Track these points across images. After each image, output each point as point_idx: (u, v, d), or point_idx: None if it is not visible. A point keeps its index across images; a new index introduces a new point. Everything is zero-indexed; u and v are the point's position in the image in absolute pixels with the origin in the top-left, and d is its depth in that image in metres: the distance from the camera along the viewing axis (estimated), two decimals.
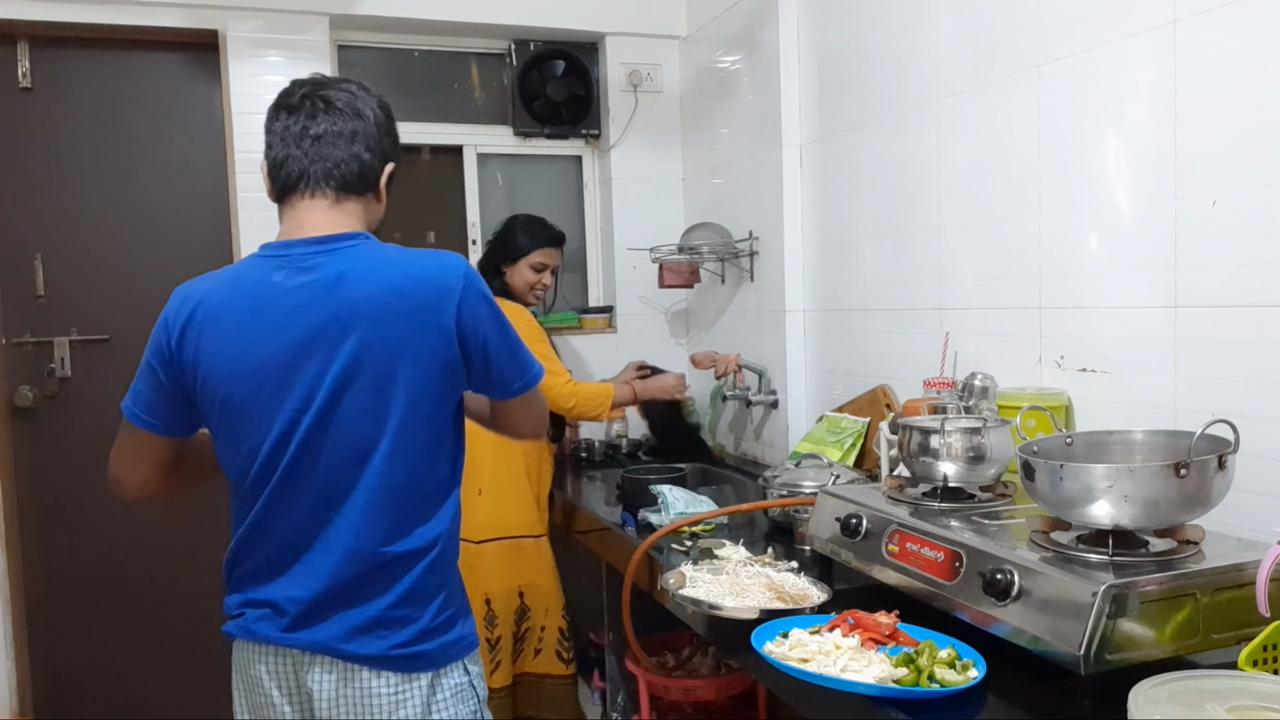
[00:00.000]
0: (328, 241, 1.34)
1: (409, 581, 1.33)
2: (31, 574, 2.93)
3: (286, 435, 1.31)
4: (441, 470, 1.38)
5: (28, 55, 2.88)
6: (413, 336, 1.30)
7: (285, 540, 1.35)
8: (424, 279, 1.32)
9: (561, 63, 3.33)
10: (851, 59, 2.49)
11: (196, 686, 3.07)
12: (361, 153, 1.39)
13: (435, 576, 1.37)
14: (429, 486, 1.36)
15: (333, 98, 1.39)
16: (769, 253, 2.83)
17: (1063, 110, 1.82)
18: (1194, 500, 1.20)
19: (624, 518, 2.19)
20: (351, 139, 1.38)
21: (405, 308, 1.30)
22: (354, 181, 1.38)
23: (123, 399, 1.39)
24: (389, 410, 1.31)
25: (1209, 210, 1.54)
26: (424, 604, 1.35)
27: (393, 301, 1.29)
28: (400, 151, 1.48)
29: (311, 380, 1.30)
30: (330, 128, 1.38)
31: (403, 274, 1.32)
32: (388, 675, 1.32)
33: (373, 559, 1.32)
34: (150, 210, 3.01)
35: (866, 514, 1.55)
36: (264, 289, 1.32)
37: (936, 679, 1.19)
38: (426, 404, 1.33)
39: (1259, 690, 1.00)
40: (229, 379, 1.32)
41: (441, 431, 1.37)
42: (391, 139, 1.45)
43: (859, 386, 2.48)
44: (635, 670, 2.35)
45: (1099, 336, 1.76)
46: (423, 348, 1.30)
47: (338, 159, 1.37)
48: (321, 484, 1.32)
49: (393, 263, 1.33)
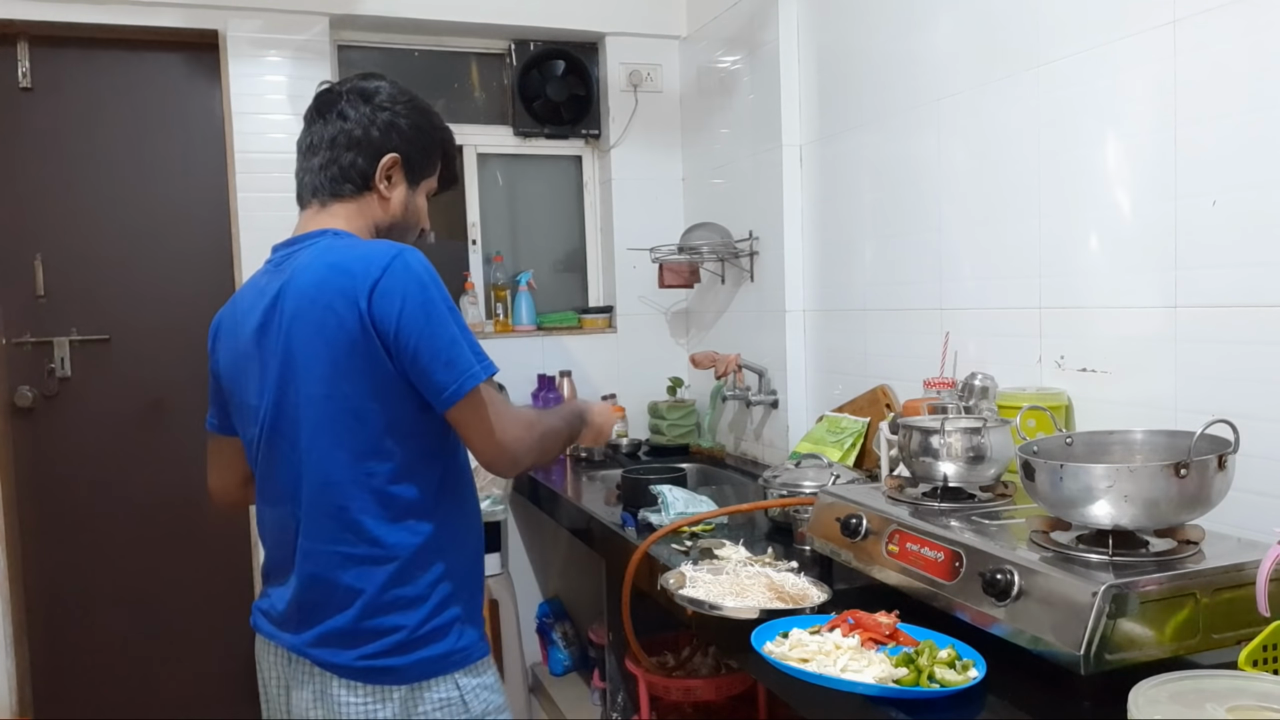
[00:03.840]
0: (297, 242, 1.37)
1: (370, 591, 1.29)
2: (31, 574, 2.93)
3: (260, 432, 1.36)
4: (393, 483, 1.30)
5: (28, 55, 2.88)
6: (331, 329, 1.26)
7: (274, 540, 1.41)
8: (345, 268, 1.27)
9: (561, 63, 3.33)
10: (851, 59, 2.49)
11: (196, 686, 3.07)
12: (341, 155, 1.38)
13: (406, 587, 1.30)
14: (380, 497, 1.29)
15: (322, 103, 1.40)
16: (769, 253, 2.83)
17: (1063, 110, 1.82)
18: (1194, 500, 1.20)
19: (624, 518, 2.19)
20: (332, 144, 1.38)
21: (325, 299, 1.26)
22: (334, 184, 1.38)
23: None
24: (317, 407, 1.28)
25: (1209, 210, 1.54)
26: (397, 614, 1.29)
27: (316, 294, 1.27)
28: (419, 135, 1.43)
29: (264, 377, 1.33)
30: (315, 137, 1.40)
31: (330, 266, 1.28)
32: (357, 686, 1.29)
33: (327, 563, 1.30)
34: (150, 210, 3.01)
35: (866, 514, 1.55)
36: (254, 292, 1.39)
37: (936, 679, 1.19)
38: (354, 400, 1.27)
39: (1259, 690, 1.00)
40: (229, 378, 1.43)
41: (384, 431, 1.29)
42: (391, 128, 1.40)
43: (859, 386, 2.48)
44: (635, 670, 2.35)
45: (1099, 336, 1.76)
46: (341, 341, 1.26)
47: (317, 166, 1.39)
48: (283, 483, 1.33)
49: (329, 256, 1.30)
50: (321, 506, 1.30)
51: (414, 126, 1.43)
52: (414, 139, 1.43)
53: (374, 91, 1.40)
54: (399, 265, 1.26)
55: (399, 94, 1.43)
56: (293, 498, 1.33)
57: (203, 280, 3.03)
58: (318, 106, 1.41)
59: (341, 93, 1.41)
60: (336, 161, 1.38)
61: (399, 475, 1.30)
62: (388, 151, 1.40)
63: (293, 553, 1.34)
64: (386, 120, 1.40)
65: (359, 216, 1.40)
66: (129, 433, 3.01)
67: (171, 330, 3.01)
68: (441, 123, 1.50)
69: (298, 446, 1.31)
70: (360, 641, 1.29)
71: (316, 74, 2.99)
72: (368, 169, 1.39)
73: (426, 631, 1.31)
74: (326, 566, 1.30)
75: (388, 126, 1.40)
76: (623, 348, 3.41)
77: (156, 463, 3.02)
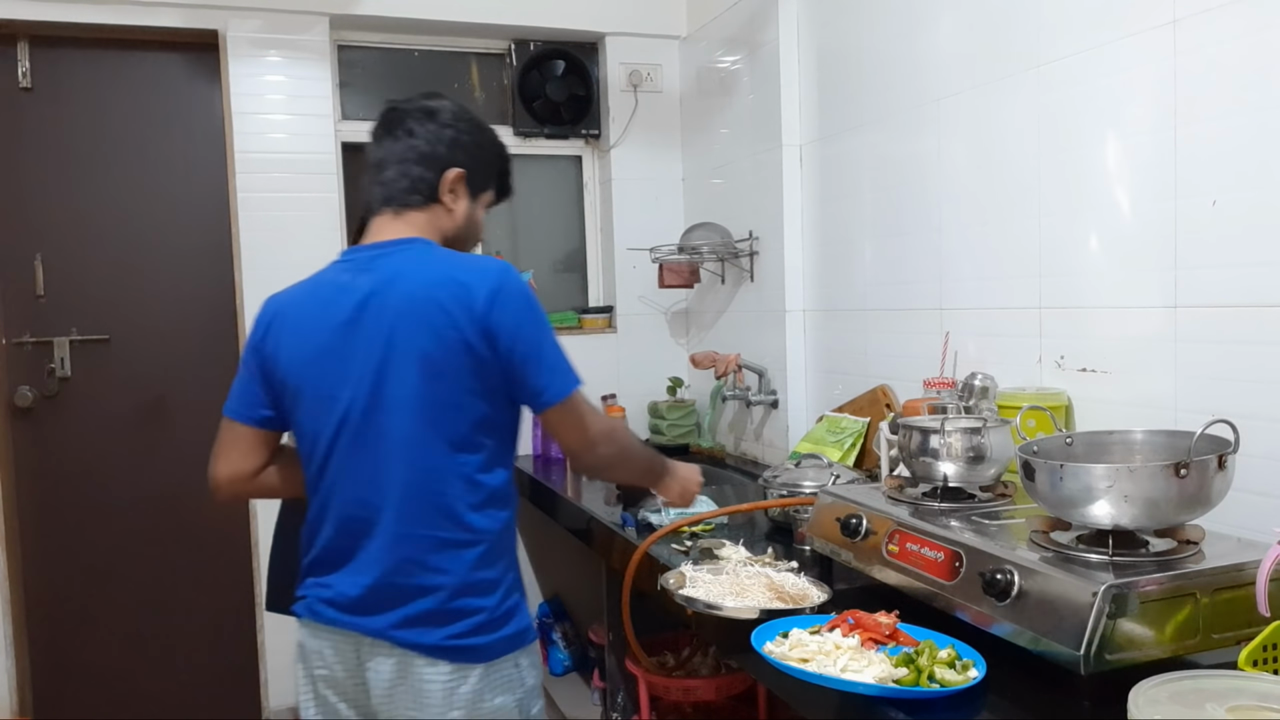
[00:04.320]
0: (386, 246, 1.47)
1: (459, 573, 1.39)
2: (31, 574, 2.93)
3: (342, 422, 1.42)
4: (481, 471, 1.42)
5: (28, 55, 2.88)
6: (441, 328, 1.37)
7: (344, 527, 1.44)
8: (458, 277, 1.39)
9: (561, 63, 3.33)
10: (851, 59, 2.49)
11: (196, 686, 3.08)
12: (410, 169, 1.48)
13: (489, 570, 1.42)
14: (470, 484, 1.41)
15: (390, 121, 1.51)
16: (769, 253, 2.83)
17: (1063, 110, 1.82)
18: (1194, 500, 1.20)
19: (624, 518, 2.19)
20: (403, 156, 1.49)
21: (438, 301, 1.38)
22: (405, 195, 1.49)
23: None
24: (420, 399, 1.38)
25: (1209, 210, 1.54)
26: (480, 596, 1.40)
27: (428, 296, 1.38)
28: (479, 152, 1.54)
29: (360, 371, 1.40)
30: (385, 153, 1.50)
31: (442, 272, 1.41)
32: (442, 665, 1.38)
33: (421, 547, 1.39)
34: (150, 210, 3.01)
35: (866, 514, 1.55)
36: (332, 288, 1.46)
37: (936, 679, 1.19)
38: (455, 395, 1.39)
39: (1259, 690, 1.00)
40: (298, 368, 1.45)
41: (478, 424, 1.41)
42: (455, 144, 1.51)
43: (859, 386, 2.48)
44: (635, 670, 2.35)
45: (1099, 336, 1.76)
46: (451, 340, 1.37)
47: (389, 179, 1.49)
48: (370, 471, 1.41)
49: (436, 264, 1.43)
50: (420, 493, 1.39)
51: (475, 144, 1.54)
52: (475, 154, 1.53)
53: (437, 110, 1.51)
54: (513, 278, 1.42)
55: (461, 112, 1.54)
56: (377, 486, 1.40)
57: (203, 280, 3.03)
58: (385, 124, 1.51)
59: (408, 111, 1.51)
60: (407, 175, 1.48)
61: (486, 465, 1.43)
62: (452, 166, 1.50)
63: (366, 540, 1.41)
64: (450, 137, 1.51)
65: (430, 226, 1.50)
66: (129, 432, 3.01)
67: (171, 330, 3.01)
68: (498, 139, 1.60)
69: (394, 436, 1.39)
70: (448, 621, 1.39)
71: (316, 74, 3.00)
72: (434, 182, 1.49)
73: (501, 614, 1.42)
74: (420, 550, 1.39)
75: (452, 143, 1.51)
76: (623, 348, 3.41)
77: (156, 463, 3.03)
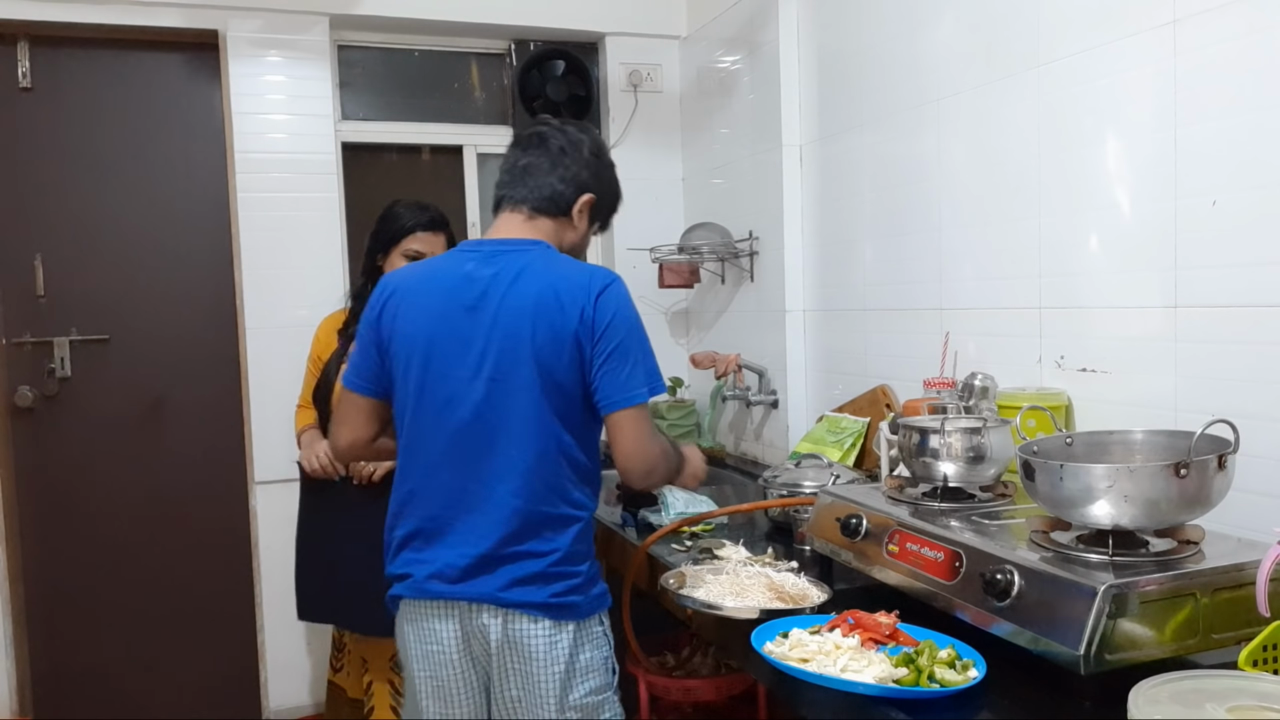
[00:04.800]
0: (514, 244, 1.62)
1: (564, 543, 1.54)
2: (31, 574, 2.93)
3: (458, 400, 1.55)
4: (580, 452, 1.57)
5: (28, 55, 2.88)
6: (559, 323, 1.53)
7: (450, 500, 1.56)
8: (576, 280, 1.55)
9: (561, 63, 3.33)
10: (851, 59, 2.49)
11: (197, 686, 3.08)
12: (556, 182, 1.65)
13: (583, 543, 1.58)
14: (573, 464, 1.56)
15: (547, 135, 1.68)
16: (769, 253, 2.83)
17: (1063, 110, 1.82)
18: (1194, 500, 1.20)
19: (624, 518, 2.19)
20: (551, 170, 1.65)
21: (559, 300, 1.53)
22: (545, 203, 1.65)
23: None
24: (537, 391, 1.53)
25: (1209, 210, 1.54)
26: (577, 563, 1.55)
27: (550, 295, 1.54)
28: (608, 187, 1.73)
29: (480, 354, 1.54)
30: (535, 160, 1.66)
31: (563, 275, 1.56)
32: (544, 621, 1.53)
33: (530, 519, 1.53)
34: (150, 210, 3.01)
35: (866, 514, 1.55)
36: (456, 274, 1.59)
37: (936, 679, 1.19)
38: (567, 384, 1.53)
39: (1259, 690, 1.00)
40: (416, 344, 1.58)
41: (581, 410, 1.56)
42: (594, 174, 1.69)
43: (859, 386, 2.48)
44: (635, 670, 2.35)
45: (1099, 336, 1.76)
46: (565, 333, 1.52)
47: (534, 184, 1.65)
48: (486, 448, 1.54)
49: (557, 268, 1.58)
50: (536, 471, 1.53)
51: (607, 179, 1.73)
52: (604, 187, 1.72)
53: (583, 142, 1.69)
54: (618, 285, 1.58)
55: (600, 148, 1.73)
56: (492, 462, 1.54)
57: (203, 280, 3.03)
58: (539, 138, 1.68)
59: (561, 132, 1.69)
60: (551, 185, 1.65)
61: (584, 447, 1.59)
62: (588, 191, 1.68)
63: (475, 514, 1.54)
64: (595, 167, 1.70)
65: (554, 235, 1.66)
66: (129, 433, 3.01)
67: (171, 330, 3.01)
68: (618, 181, 1.78)
69: (514, 417, 1.53)
70: (550, 582, 1.53)
71: (316, 74, 3.00)
72: (571, 200, 1.66)
73: (590, 577, 1.58)
74: (534, 524, 1.53)
75: (594, 173, 1.69)
76: None
77: (156, 463, 3.03)
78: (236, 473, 3.06)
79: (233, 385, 3.02)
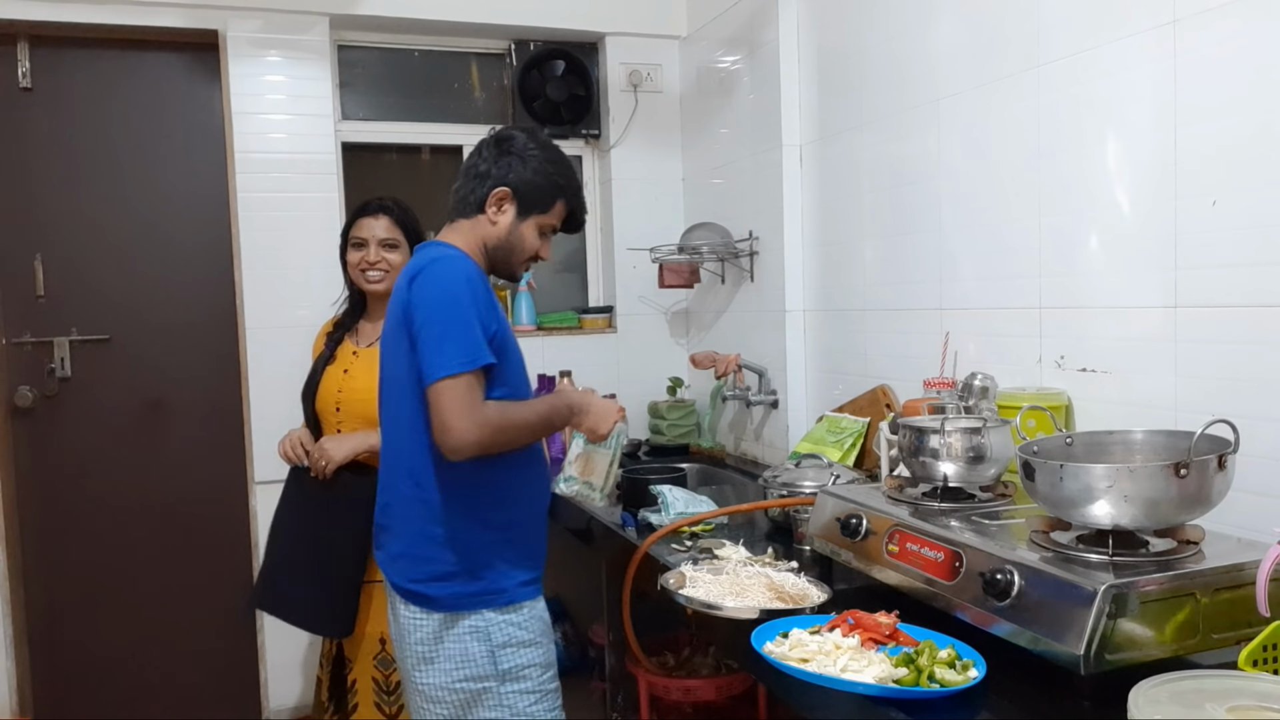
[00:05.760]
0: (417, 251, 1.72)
1: (414, 524, 1.64)
2: (31, 573, 2.93)
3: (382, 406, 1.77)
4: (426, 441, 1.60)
5: (28, 55, 2.88)
6: (394, 323, 1.64)
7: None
8: (409, 266, 1.64)
9: (561, 63, 3.33)
10: (851, 59, 2.49)
11: (196, 686, 3.07)
12: (465, 184, 1.73)
13: (437, 527, 1.63)
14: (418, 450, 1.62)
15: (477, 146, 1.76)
16: (769, 253, 2.83)
17: (1063, 110, 1.82)
18: (1194, 500, 1.20)
19: (624, 518, 2.19)
20: (463, 175, 1.74)
21: (395, 301, 1.65)
22: (457, 206, 1.74)
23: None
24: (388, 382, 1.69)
25: (1209, 210, 1.54)
26: (437, 548, 1.62)
27: (394, 297, 1.66)
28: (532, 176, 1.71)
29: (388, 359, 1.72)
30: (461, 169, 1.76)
31: (408, 265, 1.66)
32: (412, 606, 1.63)
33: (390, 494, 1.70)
34: (150, 210, 3.01)
35: (866, 514, 1.55)
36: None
37: (936, 679, 1.19)
38: (408, 379, 1.61)
39: (1259, 690, 1.00)
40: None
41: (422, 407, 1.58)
42: (510, 168, 1.70)
43: (859, 386, 2.48)
44: (635, 670, 2.35)
45: (1099, 336, 1.76)
46: (400, 332, 1.62)
47: (453, 191, 1.75)
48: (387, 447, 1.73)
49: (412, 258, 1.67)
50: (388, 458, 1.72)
51: (535, 171, 1.72)
52: (530, 180, 1.71)
53: (509, 138, 1.73)
54: (439, 264, 1.59)
55: (526, 143, 1.73)
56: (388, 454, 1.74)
57: (203, 280, 3.03)
58: (475, 148, 1.76)
59: (486, 140, 1.75)
60: (462, 190, 1.73)
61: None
62: (500, 185, 1.70)
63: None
64: (508, 162, 1.71)
65: (470, 233, 1.73)
66: (129, 433, 3.01)
67: (171, 330, 3.01)
68: (561, 171, 1.76)
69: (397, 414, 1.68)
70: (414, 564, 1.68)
71: (316, 74, 3.00)
72: (482, 197, 1.71)
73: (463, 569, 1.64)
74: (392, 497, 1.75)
75: (507, 166, 1.71)
76: (623, 348, 3.41)
77: (156, 463, 3.03)
78: (236, 473, 3.06)
79: (233, 385, 3.02)
